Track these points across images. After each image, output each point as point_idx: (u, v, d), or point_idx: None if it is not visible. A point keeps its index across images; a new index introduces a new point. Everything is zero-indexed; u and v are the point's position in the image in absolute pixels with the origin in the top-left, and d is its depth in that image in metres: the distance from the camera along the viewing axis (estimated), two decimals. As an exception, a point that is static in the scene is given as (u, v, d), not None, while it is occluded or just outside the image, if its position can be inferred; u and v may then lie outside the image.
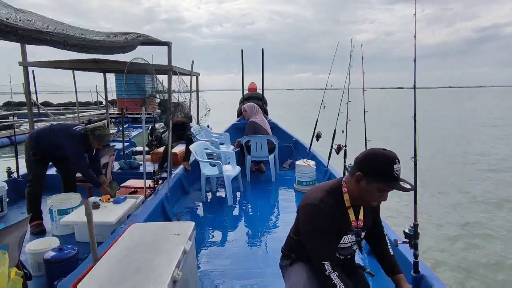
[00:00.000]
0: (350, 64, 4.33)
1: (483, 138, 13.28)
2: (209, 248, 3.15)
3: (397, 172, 1.46)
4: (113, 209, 3.19)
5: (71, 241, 3.21)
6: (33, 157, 3.43)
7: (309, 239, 1.59)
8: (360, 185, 1.52)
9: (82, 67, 4.93)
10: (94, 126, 3.69)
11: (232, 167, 4.71)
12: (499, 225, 4.99)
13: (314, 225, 1.54)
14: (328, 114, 5.13)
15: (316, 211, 1.53)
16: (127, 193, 3.82)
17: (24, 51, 4.04)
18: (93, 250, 1.85)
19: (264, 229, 3.55)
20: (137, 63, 3.70)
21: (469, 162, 9.10)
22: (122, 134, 6.29)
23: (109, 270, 1.63)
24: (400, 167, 1.47)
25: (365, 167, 1.50)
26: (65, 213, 3.29)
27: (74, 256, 2.52)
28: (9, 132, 11.95)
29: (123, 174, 4.95)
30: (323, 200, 1.54)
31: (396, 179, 1.46)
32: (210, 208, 4.24)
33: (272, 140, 5.25)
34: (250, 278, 2.60)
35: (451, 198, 6.13)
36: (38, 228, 3.45)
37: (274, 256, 2.88)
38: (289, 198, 4.54)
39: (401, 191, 1.47)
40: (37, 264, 2.62)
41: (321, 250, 1.55)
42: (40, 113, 15.81)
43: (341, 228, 1.58)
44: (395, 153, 1.49)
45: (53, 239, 2.82)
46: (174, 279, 1.61)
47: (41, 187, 3.54)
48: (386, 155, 1.47)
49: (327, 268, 1.51)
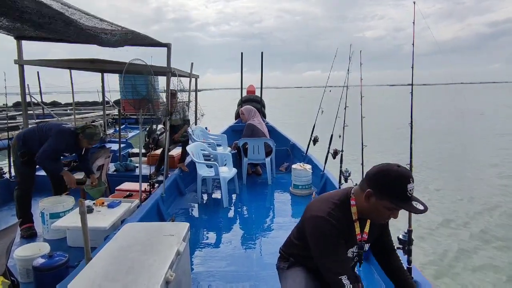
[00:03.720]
0: (349, 70, 4.34)
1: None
2: (203, 249, 3.14)
3: (410, 191, 1.37)
4: (106, 214, 3.10)
5: (63, 246, 3.12)
6: (21, 158, 3.33)
7: (320, 255, 1.51)
8: (370, 201, 1.45)
9: (78, 66, 4.94)
10: (85, 125, 3.60)
11: (229, 169, 4.71)
12: (496, 230, 5.02)
13: (324, 240, 1.49)
14: (326, 119, 5.15)
15: (324, 225, 1.48)
16: (121, 196, 3.73)
17: (20, 49, 3.98)
18: (86, 250, 1.84)
19: (259, 232, 3.55)
20: (136, 64, 3.65)
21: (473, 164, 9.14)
22: (118, 135, 6.18)
23: (101, 270, 1.62)
24: (414, 186, 1.39)
25: (376, 184, 1.43)
26: (57, 216, 3.20)
27: (65, 264, 2.43)
28: (11, 134, 11.83)
29: (119, 176, 4.89)
30: (330, 213, 1.49)
31: (408, 198, 1.38)
32: (205, 209, 4.23)
33: (269, 143, 5.25)
34: (243, 280, 2.59)
35: (447, 203, 6.15)
36: (29, 231, 3.34)
37: (268, 259, 2.88)
38: (285, 201, 4.54)
39: (412, 213, 1.40)
40: (26, 270, 2.52)
41: (335, 265, 1.47)
42: (45, 113, 15.75)
43: (347, 242, 1.54)
44: (409, 170, 1.43)
45: (43, 244, 2.73)
46: (167, 279, 1.60)
47: (31, 188, 3.43)
48: (399, 172, 1.39)
49: (345, 283, 1.42)
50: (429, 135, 13.78)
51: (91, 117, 16.36)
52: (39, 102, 16.54)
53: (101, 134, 3.75)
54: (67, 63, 4.65)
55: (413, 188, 1.39)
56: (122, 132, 8.67)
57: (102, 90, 7.11)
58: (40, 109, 16.20)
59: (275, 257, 1.93)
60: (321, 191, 4.61)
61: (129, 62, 3.62)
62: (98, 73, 6.57)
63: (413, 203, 1.38)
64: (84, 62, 4.42)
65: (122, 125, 12.19)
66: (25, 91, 4.27)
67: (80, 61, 4.46)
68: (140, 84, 4.06)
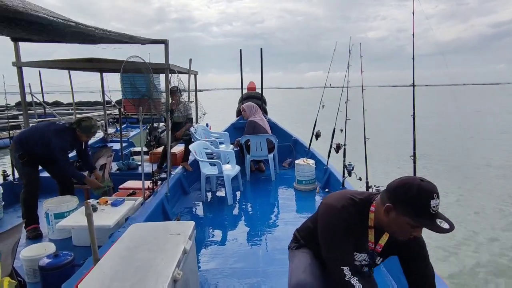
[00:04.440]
0: (349, 63, 4.33)
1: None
2: (209, 247, 3.15)
3: (433, 208, 1.26)
4: (110, 212, 3.11)
5: (68, 245, 3.14)
6: (20, 160, 3.32)
7: (326, 242, 1.50)
8: (389, 216, 1.36)
9: (77, 66, 4.89)
10: (79, 118, 3.57)
11: (232, 167, 4.72)
12: (502, 226, 5.00)
13: (332, 229, 1.46)
14: (328, 113, 5.13)
15: (335, 215, 1.46)
16: (125, 195, 3.75)
17: (18, 51, 3.94)
18: (93, 250, 1.85)
19: (264, 228, 3.56)
20: (133, 62, 3.59)
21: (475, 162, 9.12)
22: (120, 134, 6.20)
23: (109, 270, 1.63)
24: (439, 202, 1.28)
25: (397, 198, 1.33)
26: (62, 216, 3.20)
27: (70, 263, 2.45)
28: (12, 133, 11.91)
29: (122, 175, 4.90)
30: (345, 206, 1.46)
31: (431, 216, 1.27)
32: (210, 207, 4.24)
33: (271, 139, 5.25)
34: (250, 277, 2.60)
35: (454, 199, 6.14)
36: (35, 232, 3.35)
37: (275, 255, 2.89)
38: (289, 197, 4.55)
39: (436, 232, 1.27)
40: (33, 270, 2.55)
41: (339, 254, 1.45)
42: (47, 113, 15.80)
43: (356, 243, 1.49)
44: (434, 185, 1.30)
45: (49, 244, 2.75)
46: (174, 278, 1.61)
47: (37, 190, 3.42)
48: (422, 187, 1.28)
49: (346, 273, 1.40)
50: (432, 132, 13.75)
51: (92, 116, 16.37)
52: (41, 101, 16.57)
53: (97, 125, 3.74)
54: (65, 64, 4.61)
55: (438, 205, 1.28)
56: (124, 132, 8.65)
57: (102, 89, 7.10)
58: (41, 109, 16.24)
59: (281, 253, 1.94)
60: (325, 186, 4.61)
61: (126, 60, 3.56)
62: (97, 72, 6.56)
63: (437, 220, 1.27)
64: (82, 62, 4.39)
65: (123, 124, 12.16)
66: (25, 92, 4.21)
67: (78, 61, 4.42)
68: (140, 83, 4.02)
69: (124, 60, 3.59)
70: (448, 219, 1.29)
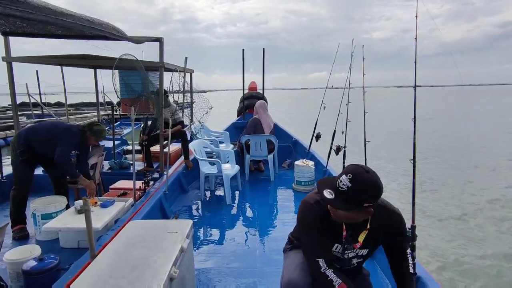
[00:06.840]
0: (351, 65, 4.33)
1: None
2: (207, 246, 3.15)
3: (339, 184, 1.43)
4: (99, 214, 3.00)
5: (55, 247, 3.05)
6: (20, 157, 3.25)
7: (302, 236, 1.62)
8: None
9: (70, 63, 4.76)
10: (90, 122, 3.57)
11: (231, 166, 4.72)
12: (499, 225, 5.00)
13: (306, 223, 1.56)
14: (329, 116, 5.13)
15: (307, 209, 1.56)
16: (115, 195, 3.66)
17: (8, 45, 3.83)
18: (90, 246, 1.85)
19: (262, 229, 3.55)
20: (127, 59, 3.54)
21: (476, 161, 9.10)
22: (112, 132, 6.02)
23: (106, 267, 1.63)
24: (341, 180, 1.42)
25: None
26: (49, 217, 3.10)
27: (56, 267, 2.34)
28: (4, 133, 11.91)
29: (113, 174, 4.81)
30: (318, 201, 1.53)
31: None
32: (208, 206, 4.24)
33: (271, 140, 5.25)
34: (247, 277, 2.60)
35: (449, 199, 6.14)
36: (21, 232, 3.26)
37: (271, 255, 2.89)
38: (288, 198, 4.54)
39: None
40: (16, 274, 2.43)
41: (313, 247, 1.54)
42: (44, 113, 15.75)
43: (332, 235, 1.55)
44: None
45: (34, 246, 2.62)
46: (171, 276, 1.61)
47: (27, 190, 3.34)
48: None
49: (321, 265, 1.49)
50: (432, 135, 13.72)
51: (89, 117, 16.39)
52: (39, 102, 16.50)
53: (106, 131, 3.73)
54: (57, 60, 4.50)
55: (341, 182, 1.40)
56: (117, 129, 8.37)
57: (96, 86, 7.06)
58: (39, 110, 16.21)
59: (278, 253, 1.94)
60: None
61: (119, 58, 3.51)
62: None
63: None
64: (75, 58, 4.33)
65: (117, 122, 12.02)
66: (15, 89, 4.07)
67: (71, 57, 4.35)
68: (135, 82, 3.95)
69: (117, 58, 3.54)
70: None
